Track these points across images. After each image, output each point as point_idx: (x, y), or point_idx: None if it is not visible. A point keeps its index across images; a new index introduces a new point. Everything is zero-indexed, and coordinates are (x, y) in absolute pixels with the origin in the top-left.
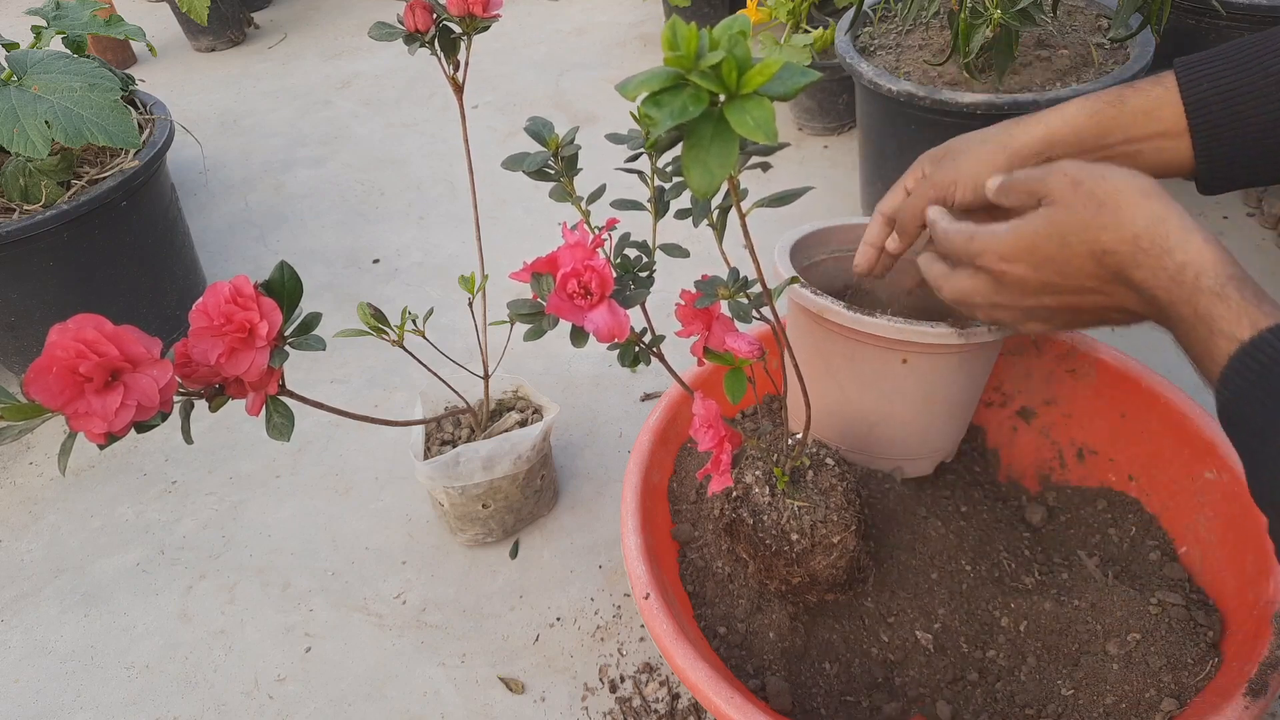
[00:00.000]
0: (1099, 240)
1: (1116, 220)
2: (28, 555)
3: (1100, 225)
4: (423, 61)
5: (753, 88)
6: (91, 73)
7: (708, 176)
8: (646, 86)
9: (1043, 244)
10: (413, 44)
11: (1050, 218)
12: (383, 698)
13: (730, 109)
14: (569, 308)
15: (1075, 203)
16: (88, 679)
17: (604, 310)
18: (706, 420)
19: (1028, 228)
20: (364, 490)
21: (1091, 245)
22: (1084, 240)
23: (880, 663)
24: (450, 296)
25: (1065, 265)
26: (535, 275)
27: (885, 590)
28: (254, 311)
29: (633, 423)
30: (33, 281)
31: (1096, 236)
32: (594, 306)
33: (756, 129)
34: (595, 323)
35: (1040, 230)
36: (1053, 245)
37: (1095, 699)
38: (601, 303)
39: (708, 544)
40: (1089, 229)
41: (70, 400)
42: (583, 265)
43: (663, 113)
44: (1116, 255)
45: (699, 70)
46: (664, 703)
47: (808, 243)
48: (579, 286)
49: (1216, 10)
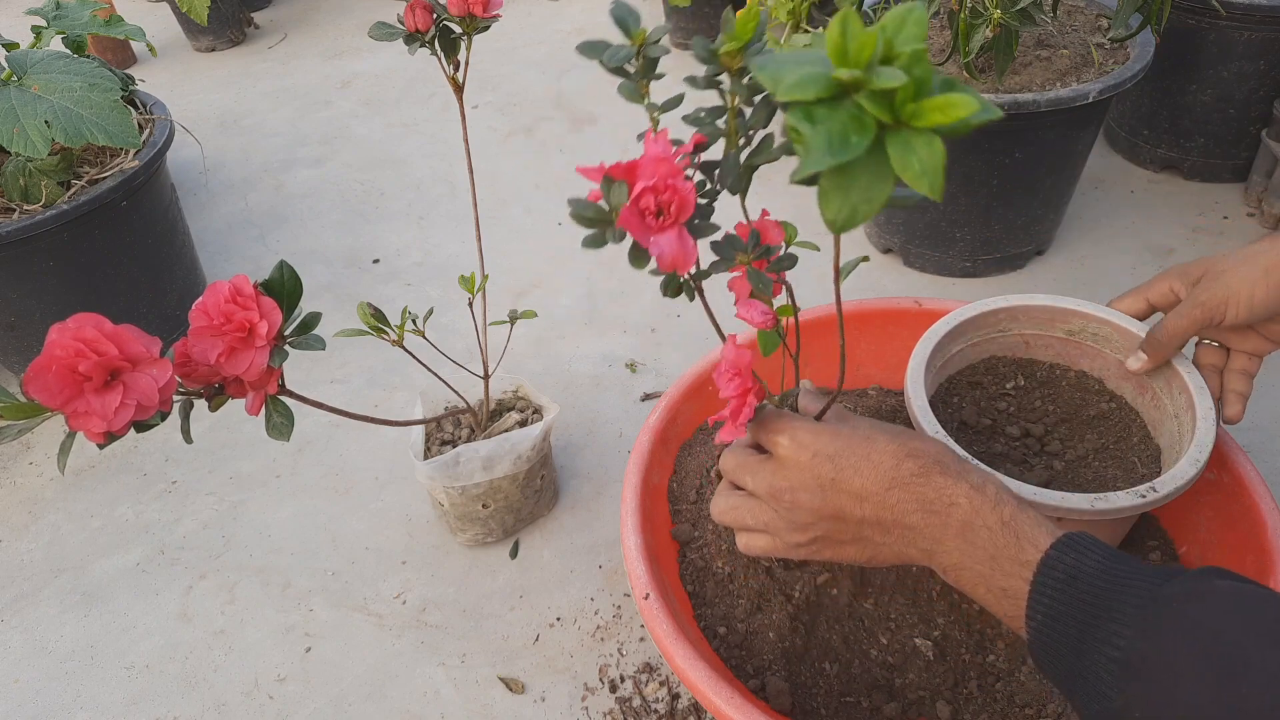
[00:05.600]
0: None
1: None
2: (27, 555)
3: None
4: (423, 61)
5: (928, 123)
6: (91, 73)
7: (847, 211)
8: (799, 92)
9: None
10: (413, 44)
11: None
12: (383, 698)
13: (894, 143)
14: (639, 225)
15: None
16: (87, 679)
17: (673, 235)
18: (735, 366)
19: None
20: (364, 490)
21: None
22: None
23: (880, 664)
24: (450, 296)
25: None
26: (607, 179)
27: (885, 593)
28: (254, 311)
29: (633, 423)
30: (33, 281)
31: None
32: (664, 229)
33: (921, 177)
34: (661, 247)
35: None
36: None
37: None
38: (674, 226)
39: (708, 544)
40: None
41: (70, 399)
42: (665, 182)
43: (818, 136)
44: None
45: (869, 90)
46: (664, 703)
47: (945, 343)
48: (655, 204)
49: (1216, 10)
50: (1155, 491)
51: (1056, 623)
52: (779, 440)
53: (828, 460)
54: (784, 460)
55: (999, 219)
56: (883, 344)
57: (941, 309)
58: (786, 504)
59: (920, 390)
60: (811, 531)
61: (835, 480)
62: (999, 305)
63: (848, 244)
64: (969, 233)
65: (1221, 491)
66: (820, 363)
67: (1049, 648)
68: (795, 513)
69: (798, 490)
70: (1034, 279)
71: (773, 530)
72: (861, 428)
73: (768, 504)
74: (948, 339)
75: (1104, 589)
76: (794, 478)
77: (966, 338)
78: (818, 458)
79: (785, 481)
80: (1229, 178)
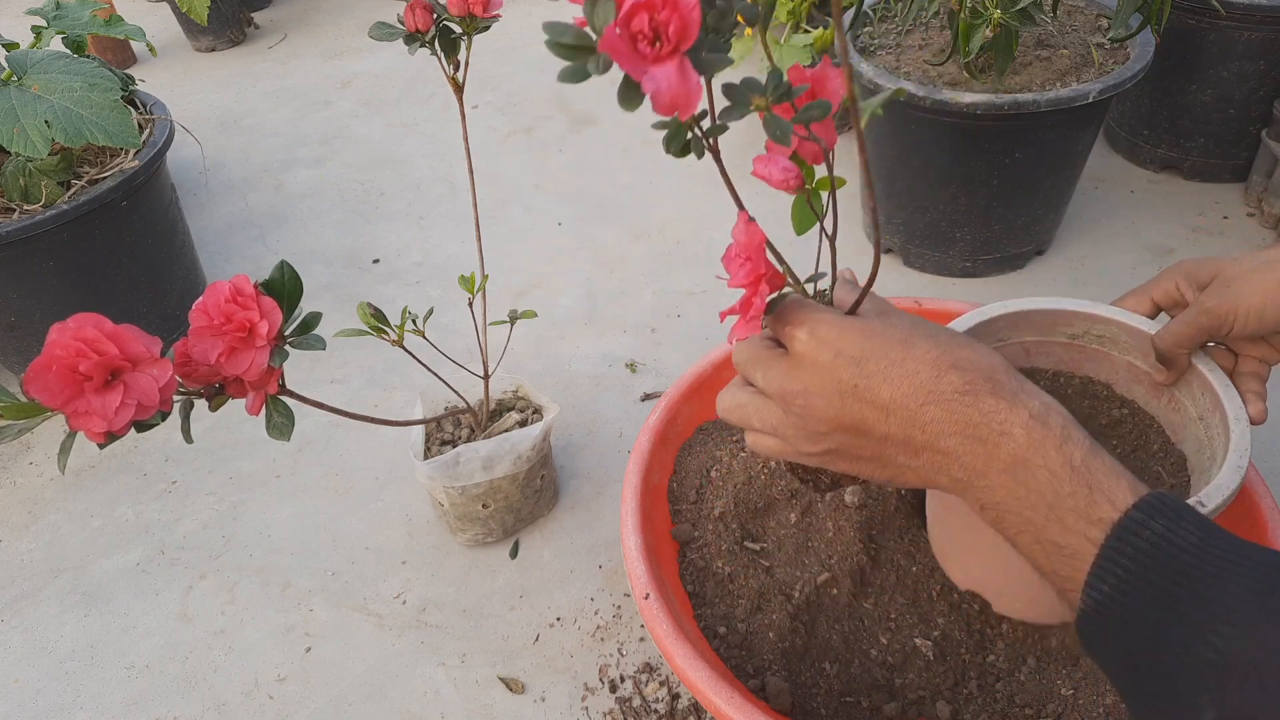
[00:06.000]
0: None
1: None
2: (28, 555)
3: None
4: (423, 61)
5: None
6: (91, 73)
7: None
8: None
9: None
10: (413, 44)
11: None
12: (383, 698)
13: None
14: (629, 52)
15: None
16: (87, 679)
17: (673, 68)
18: (746, 249)
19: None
20: (364, 490)
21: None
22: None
23: (880, 664)
24: (450, 296)
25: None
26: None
27: (885, 593)
28: (254, 311)
29: (633, 423)
30: (33, 281)
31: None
32: (661, 59)
33: None
34: (658, 82)
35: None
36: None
37: (1095, 699)
38: (673, 56)
39: (708, 544)
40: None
41: (70, 399)
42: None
43: None
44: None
45: None
46: (664, 703)
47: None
48: (649, 27)
49: (1216, 10)
50: (1203, 506)
51: (1129, 601)
52: (796, 334)
53: (852, 363)
54: (800, 358)
55: (999, 219)
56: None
57: (942, 309)
58: (798, 409)
59: None
60: (825, 443)
61: (858, 388)
62: (998, 313)
63: (848, 245)
64: (969, 233)
65: None
66: None
67: (1111, 628)
68: (807, 420)
69: (812, 394)
70: (1034, 279)
71: (782, 435)
72: (901, 327)
73: (777, 405)
74: None
75: (1201, 570)
76: (809, 380)
77: None
78: (840, 358)
79: (798, 384)
80: (1229, 178)
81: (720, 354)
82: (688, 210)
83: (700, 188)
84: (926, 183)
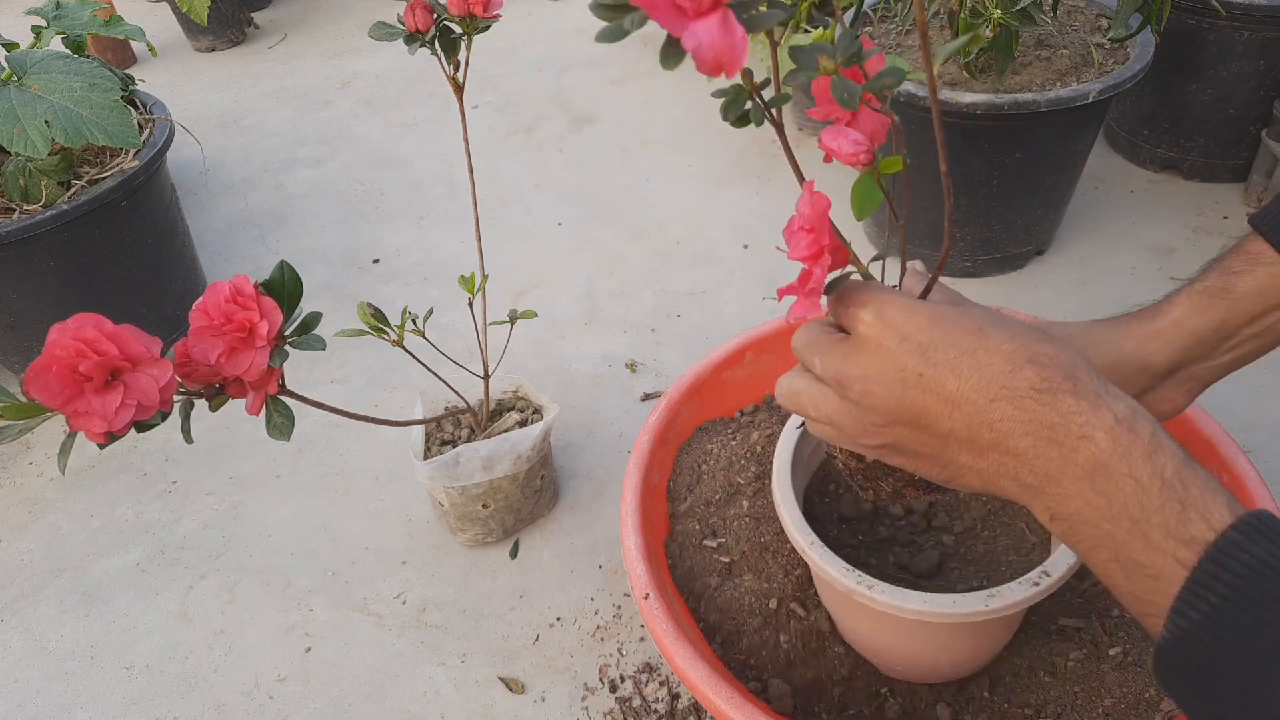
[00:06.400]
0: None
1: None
2: (28, 555)
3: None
4: (423, 61)
5: None
6: (91, 73)
7: None
8: None
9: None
10: (413, 44)
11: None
12: (383, 698)
13: None
14: (667, 6)
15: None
16: (87, 679)
17: (715, 22)
18: (810, 219)
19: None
20: (364, 490)
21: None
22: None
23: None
24: (450, 296)
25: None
26: None
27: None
28: (254, 311)
29: (633, 423)
30: (33, 281)
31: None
32: (703, 14)
33: None
34: (699, 38)
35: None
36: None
37: (1095, 699)
38: (715, 10)
39: (689, 540)
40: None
41: (70, 399)
42: None
43: None
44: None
45: None
46: (664, 703)
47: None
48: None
49: (1216, 10)
50: (1048, 576)
51: (1222, 631)
52: (861, 315)
53: (918, 350)
54: (863, 341)
55: (999, 219)
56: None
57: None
58: (855, 396)
59: (790, 498)
60: (882, 436)
61: (922, 376)
62: None
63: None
64: (969, 233)
65: None
66: None
67: (1197, 661)
68: (864, 410)
69: (871, 381)
70: (1033, 279)
71: (838, 425)
72: (974, 315)
73: (834, 393)
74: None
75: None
76: (869, 365)
77: None
78: (906, 344)
79: (857, 369)
80: (1229, 178)
81: (720, 354)
82: (688, 210)
83: (700, 187)
84: (926, 183)
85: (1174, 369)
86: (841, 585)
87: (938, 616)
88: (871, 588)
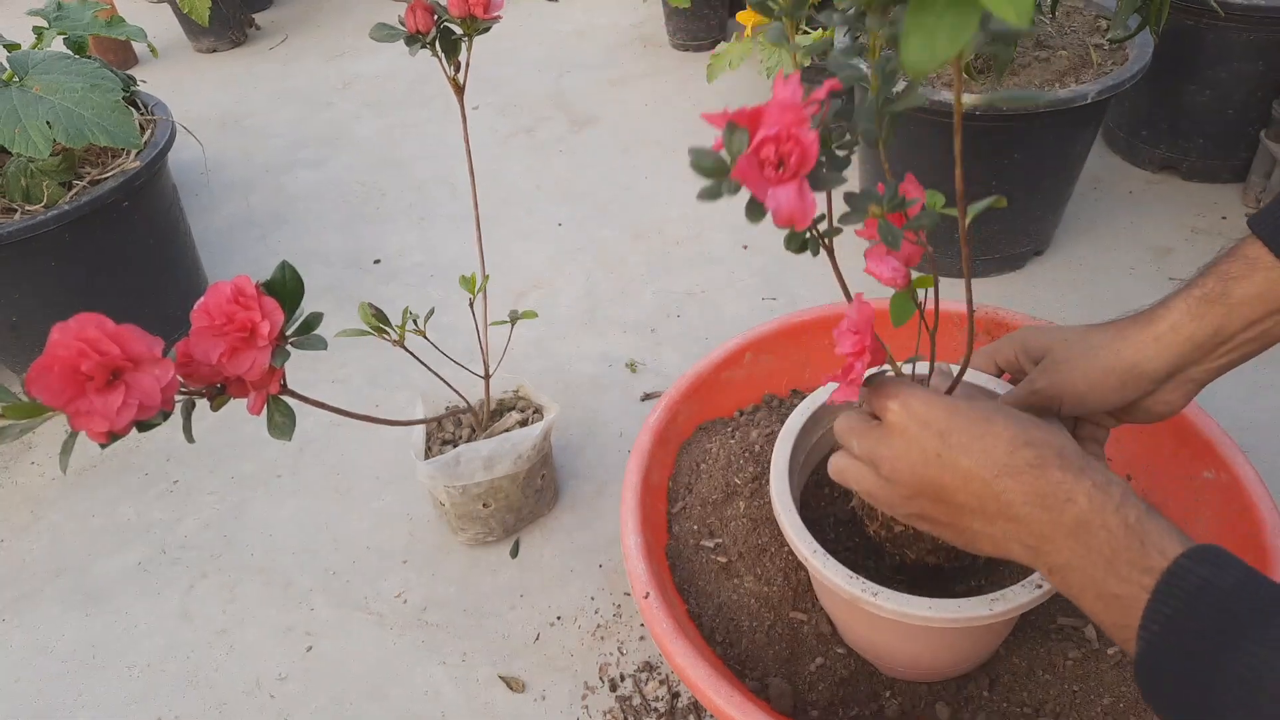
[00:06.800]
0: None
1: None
2: (29, 554)
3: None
4: (424, 63)
5: None
6: (93, 73)
7: (927, 51)
8: None
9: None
10: (414, 45)
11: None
12: (383, 696)
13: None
14: (756, 176)
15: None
16: (89, 678)
17: (792, 189)
18: (857, 324)
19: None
20: (365, 490)
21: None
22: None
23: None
24: (451, 297)
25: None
26: (730, 125)
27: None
28: (255, 311)
29: (633, 422)
30: (35, 281)
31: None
32: (783, 182)
33: (1009, 4)
34: (779, 200)
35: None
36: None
37: (1093, 698)
38: (793, 180)
39: (689, 539)
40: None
41: (72, 399)
42: (787, 132)
43: None
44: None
45: None
46: (664, 701)
47: (803, 438)
48: (775, 155)
49: (1215, 11)
50: (1041, 587)
51: (1176, 639)
52: (889, 405)
53: (937, 435)
54: (891, 427)
55: (997, 219)
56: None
57: (941, 310)
58: (887, 473)
59: (789, 504)
60: (910, 506)
61: (940, 456)
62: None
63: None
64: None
65: (1220, 491)
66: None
67: (1162, 667)
68: (895, 484)
69: (898, 460)
70: (1032, 279)
71: (875, 497)
72: (984, 407)
73: (870, 471)
74: (805, 432)
75: (1242, 608)
76: (897, 447)
77: (823, 424)
78: (927, 430)
79: (888, 450)
80: (1227, 178)
81: (720, 354)
82: (688, 210)
83: (699, 189)
84: (925, 183)
85: (1172, 373)
86: (845, 592)
87: (943, 622)
88: (876, 594)
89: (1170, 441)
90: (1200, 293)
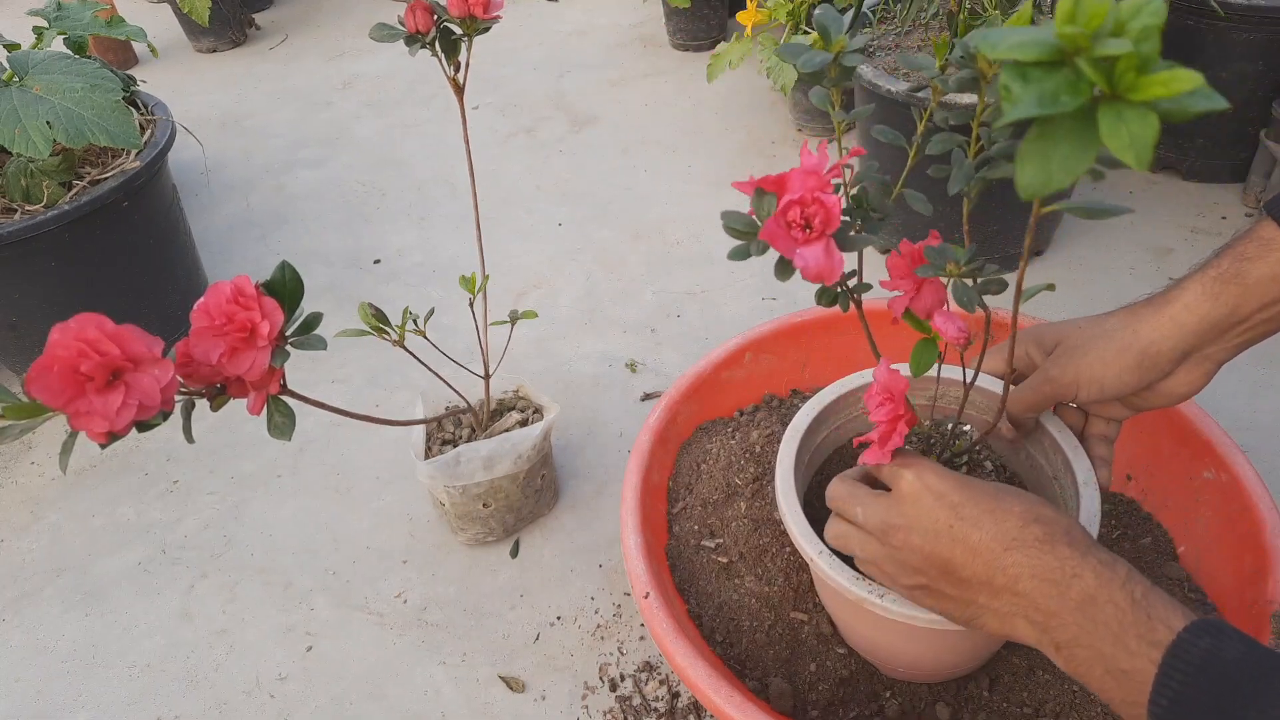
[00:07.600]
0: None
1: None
2: (29, 554)
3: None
4: (423, 63)
5: (1145, 96)
6: (93, 73)
7: (1043, 177)
8: (1019, 52)
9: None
10: (413, 45)
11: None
12: (383, 696)
13: (1106, 112)
14: (784, 237)
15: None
16: (89, 678)
17: (819, 248)
18: (888, 392)
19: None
20: (365, 490)
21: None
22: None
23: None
24: (451, 297)
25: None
26: (759, 191)
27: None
28: (255, 311)
29: (633, 422)
30: (35, 281)
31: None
32: (810, 242)
33: (1129, 149)
34: (806, 259)
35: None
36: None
37: (1093, 699)
38: (820, 239)
39: (689, 539)
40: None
41: (72, 399)
42: (811, 196)
43: (1028, 92)
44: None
45: (1091, 56)
46: (664, 701)
47: (808, 438)
48: (800, 217)
49: (1215, 11)
50: None
51: (1186, 710)
52: (904, 474)
53: (950, 507)
54: (904, 496)
55: (997, 219)
56: (886, 341)
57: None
58: (897, 543)
59: (795, 507)
60: (917, 578)
61: (952, 529)
62: (854, 385)
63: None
64: None
65: (1220, 491)
66: (823, 363)
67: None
68: (904, 554)
69: (911, 530)
70: (1032, 280)
71: (879, 566)
72: (994, 486)
73: (876, 539)
74: (810, 432)
75: (1244, 678)
76: (910, 516)
77: (828, 424)
78: (940, 502)
79: (900, 519)
80: (1227, 178)
81: (720, 354)
82: (687, 210)
83: (700, 189)
84: (925, 183)
85: (1189, 353)
86: (851, 594)
87: (950, 625)
88: (883, 597)
89: (1170, 441)
90: (1215, 273)
